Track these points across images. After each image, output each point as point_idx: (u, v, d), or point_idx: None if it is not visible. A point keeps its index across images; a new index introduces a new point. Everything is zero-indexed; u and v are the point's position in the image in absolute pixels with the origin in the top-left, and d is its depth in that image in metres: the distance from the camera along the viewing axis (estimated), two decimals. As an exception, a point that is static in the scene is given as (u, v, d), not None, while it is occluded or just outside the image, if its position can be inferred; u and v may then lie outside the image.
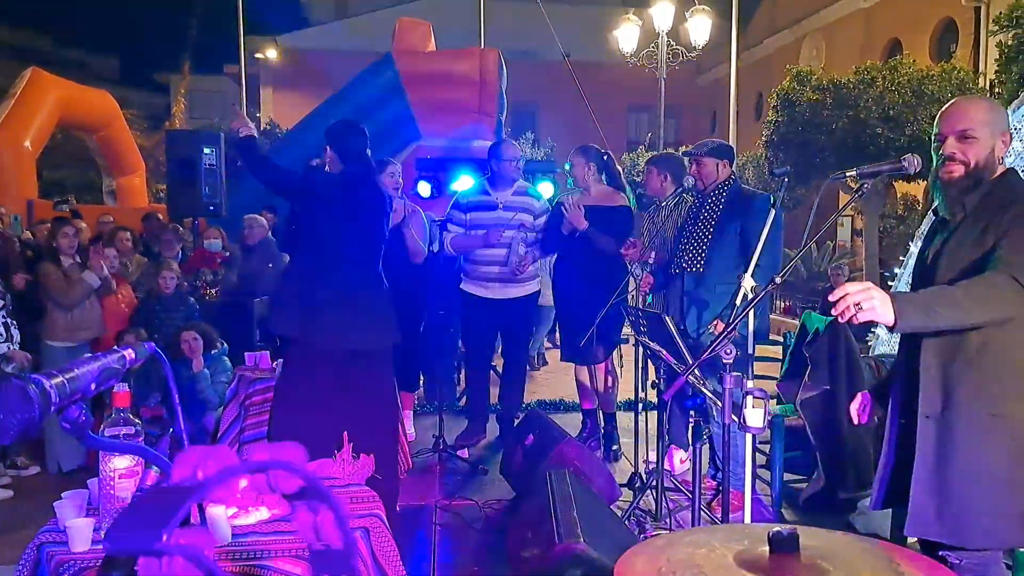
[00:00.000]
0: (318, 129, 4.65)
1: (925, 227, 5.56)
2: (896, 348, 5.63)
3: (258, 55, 23.79)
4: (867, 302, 2.04)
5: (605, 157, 5.39)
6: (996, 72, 9.25)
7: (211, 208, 7.43)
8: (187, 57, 24.88)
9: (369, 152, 3.89)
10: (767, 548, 1.35)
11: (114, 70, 29.50)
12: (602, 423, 5.54)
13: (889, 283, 6.13)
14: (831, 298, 2.11)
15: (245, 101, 20.18)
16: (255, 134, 3.75)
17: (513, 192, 5.35)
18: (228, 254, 6.61)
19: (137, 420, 1.85)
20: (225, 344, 5.25)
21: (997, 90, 9.08)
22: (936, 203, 2.45)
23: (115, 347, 1.09)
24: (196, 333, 4.92)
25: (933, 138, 2.39)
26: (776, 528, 1.34)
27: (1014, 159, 4.77)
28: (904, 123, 10.76)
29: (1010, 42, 8.72)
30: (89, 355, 1.00)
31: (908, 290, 2.47)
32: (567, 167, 5.37)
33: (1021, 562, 2.39)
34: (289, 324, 3.63)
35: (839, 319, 2.10)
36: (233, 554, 1.89)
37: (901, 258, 5.90)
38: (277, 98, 24.52)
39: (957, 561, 2.22)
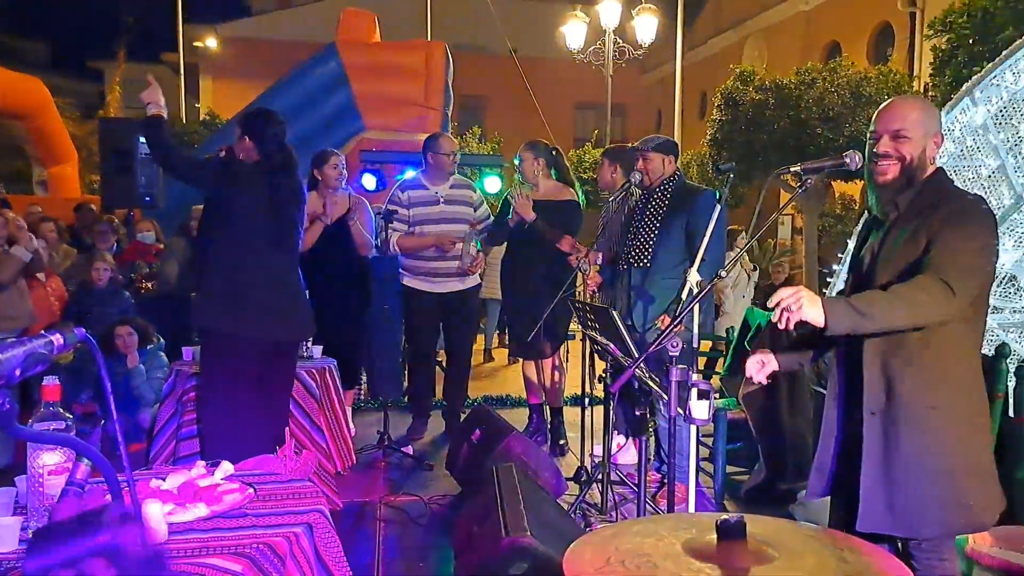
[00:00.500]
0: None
1: (860, 226, 5.69)
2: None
3: (197, 44, 23.26)
4: (795, 304, 2.10)
5: (554, 153, 5.41)
6: (931, 75, 9.51)
7: (147, 199, 7.20)
8: (122, 44, 24.12)
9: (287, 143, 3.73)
10: (715, 536, 1.35)
11: (44, 56, 28.48)
12: (549, 418, 5.55)
13: (828, 280, 6.24)
14: (769, 304, 2.14)
15: (184, 90, 19.75)
16: (165, 114, 3.56)
17: (451, 185, 5.38)
18: (163, 246, 6.44)
19: (68, 415, 1.78)
20: (161, 339, 5.12)
21: (931, 93, 9.34)
22: (870, 202, 2.50)
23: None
24: (131, 328, 4.78)
25: (869, 136, 2.43)
26: (724, 516, 1.34)
27: (946, 159, 4.90)
28: (843, 124, 11.02)
29: (944, 46, 8.97)
30: (13, 339, 0.94)
31: (845, 288, 2.52)
32: (516, 162, 5.37)
33: (959, 547, 2.45)
34: (210, 317, 3.53)
35: (777, 325, 2.13)
36: (172, 553, 1.83)
37: (840, 256, 6.02)
38: (217, 88, 24.02)
39: (917, 553, 2.27)
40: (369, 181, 6.48)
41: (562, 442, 5.45)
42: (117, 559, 0.91)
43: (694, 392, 2.67)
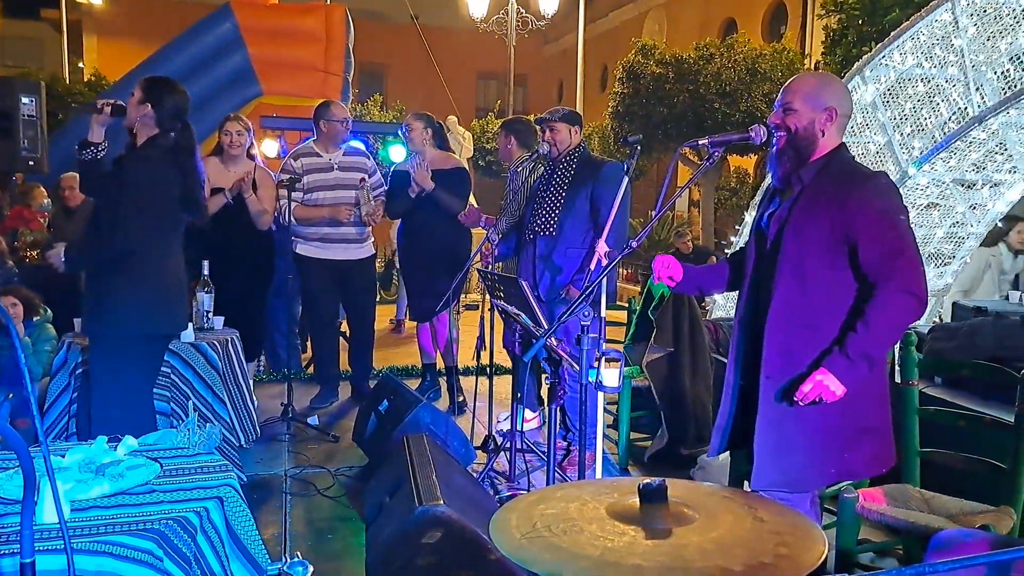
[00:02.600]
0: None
1: (760, 196, 5.89)
2: (731, 312, 5.94)
3: (80, -1, 21.99)
4: (826, 394, 2.32)
5: (438, 124, 5.45)
6: (822, 54, 9.87)
7: (30, 163, 6.80)
8: (-2, -2, 22.60)
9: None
10: (636, 500, 1.38)
11: (-90, 9, 26.41)
12: (445, 377, 5.69)
13: (725, 251, 6.45)
14: (801, 399, 2.35)
15: (67, 49, 18.67)
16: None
17: (345, 152, 5.40)
18: (48, 214, 6.12)
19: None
20: (49, 311, 4.86)
21: (822, 70, 9.70)
22: (769, 172, 2.61)
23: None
24: (15, 299, 4.52)
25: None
26: (646, 480, 1.38)
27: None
28: (739, 98, 11.34)
29: (835, 26, 9.32)
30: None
31: (748, 255, 2.63)
32: (401, 132, 5.39)
33: (847, 506, 2.59)
34: (127, 323, 3.29)
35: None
36: (74, 530, 1.75)
37: (737, 227, 6.22)
38: (103, 47, 22.79)
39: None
40: (271, 148, 6.30)
41: (460, 399, 5.59)
42: None
43: (603, 360, 2.72)
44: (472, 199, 5.58)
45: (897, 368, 3.26)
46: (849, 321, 2.34)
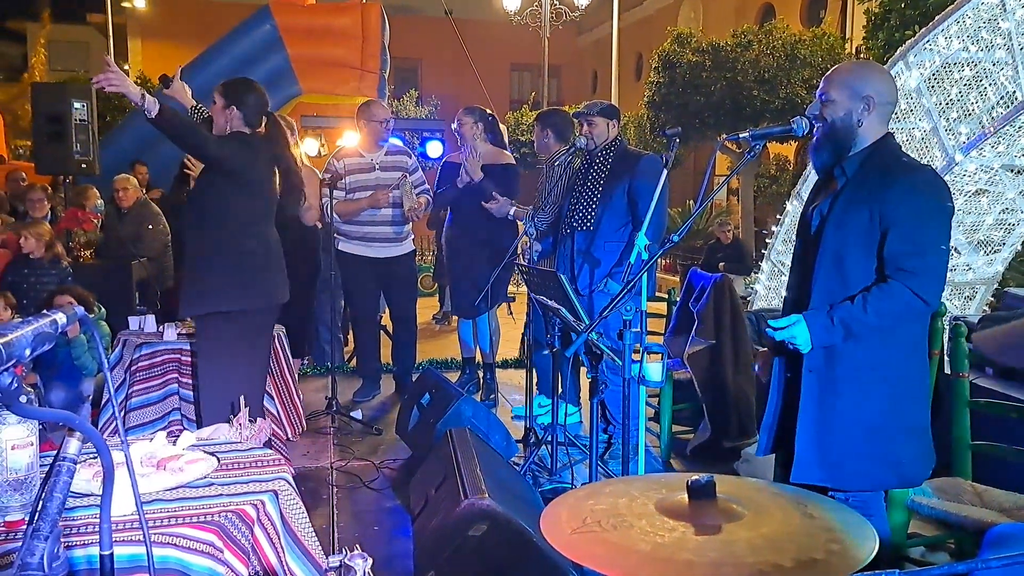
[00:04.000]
0: (195, 83, 4.34)
1: (802, 187, 5.84)
2: (773, 304, 5.89)
3: (125, 3, 22.36)
4: (791, 343, 2.37)
5: (490, 118, 5.45)
6: (863, 38, 9.71)
7: (83, 166, 7.01)
8: (46, 4, 23.06)
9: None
10: (685, 496, 1.40)
11: (-40, 16, 27.05)
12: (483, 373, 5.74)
13: (767, 240, 6.40)
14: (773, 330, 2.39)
15: (113, 52, 18.98)
16: (134, 90, 3.42)
17: (386, 152, 5.44)
18: (102, 215, 6.28)
19: (29, 389, 1.74)
20: (103, 308, 4.99)
21: (864, 55, 9.55)
22: (812, 163, 2.60)
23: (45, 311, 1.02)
24: (71, 297, 4.65)
25: None
26: (695, 477, 1.39)
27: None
28: (778, 85, 11.20)
29: (876, 10, 9.16)
30: (20, 319, 0.93)
31: (785, 248, 2.63)
32: (454, 126, 5.41)
33: (897, 501, 2.57)
34: (227, 299, 3.46)
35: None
36: (137, 524, 1.82)
37: (778, 216, 6.17)
38: (147, 49, 23.19)
39: (844, 499, 2.37)
40: (312, 146, 6.38)
41: (493, 396, 5.65)
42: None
43: (646, 355, 2.74)
44: None
45: (947, 359, 3.22)
46: (852, 295, 2.34)
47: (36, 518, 0.98)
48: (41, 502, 1.01)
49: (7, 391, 0.87)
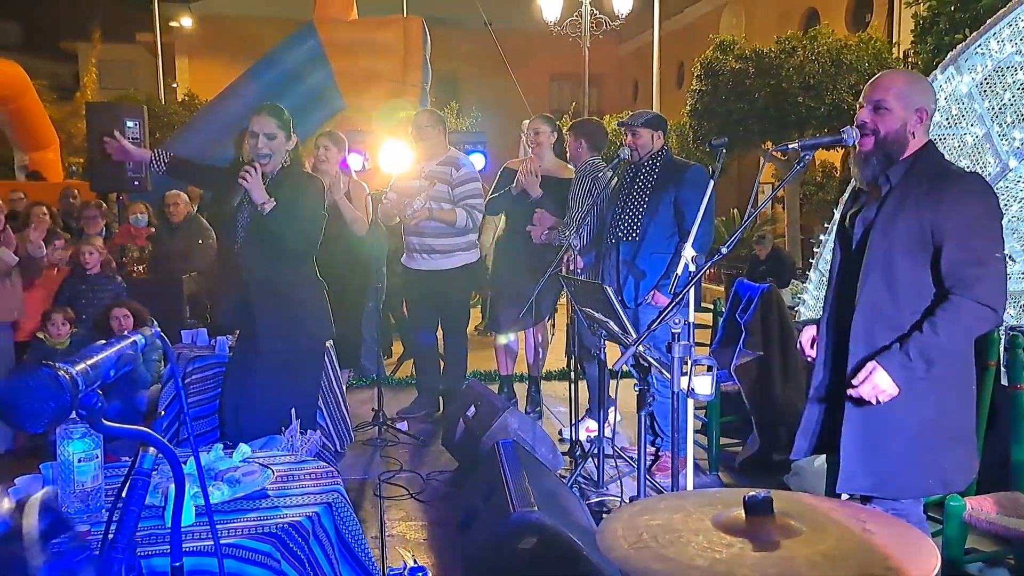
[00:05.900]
0: (240, 100, 4.43)
1: (846, 195, 5.74)
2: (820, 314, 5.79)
3: (173, 23, 22.90)
4: (879, 393, 2.29)
5: (559, 128, 5.44)
6: (912, 43, 9.55)
7: (136, 183, 7.20)
8: (96, 24, 23.70)
9: None
10: (742, 511, 1.39)
11: (15, 37, 27.85)
12: (527, 386, 5.72)
13: (815, 249, 6.32)
14: (856, 395, 2.34)
15: (161, 71, 19.45)
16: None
17: (438, 162, 5.30)
18: (154, 230, 6.41)
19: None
20: (155, 322, 5.10)
21: (912, 60, 9.40)
22: (853, 172, 2.56)
23: (126, 332, 1.06)
24: (127, 310, 4.76)
25: (857, 108, 2.48)
26: (751, 492, 1.39)
27: (932, 129, 4.95)
28: (824, 92, 11.05)
29: (925, 13, 9.01)
30: (103, 341, 0.97)
31: (830, 258, 2.60)
32: (524, 133, 5.39)
33: (953, 514, 2.53)
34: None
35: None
36: (199, 534, 1.86)
37: (827, 225, 6.09)
38: (194, 67, 23.72)
39: (884, 509, 2.35)
40: (356, 161, 6.45)
41: (538, 409, 5.64)
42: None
43: (695, 368, 2.72)
44: None
45: (1003, 371, 3.15)
46: (919, 321, 2.29)
47: (113, 530, 1.01)
48: (118, 514, 1.04)
49: (94, 410, 0.91)
